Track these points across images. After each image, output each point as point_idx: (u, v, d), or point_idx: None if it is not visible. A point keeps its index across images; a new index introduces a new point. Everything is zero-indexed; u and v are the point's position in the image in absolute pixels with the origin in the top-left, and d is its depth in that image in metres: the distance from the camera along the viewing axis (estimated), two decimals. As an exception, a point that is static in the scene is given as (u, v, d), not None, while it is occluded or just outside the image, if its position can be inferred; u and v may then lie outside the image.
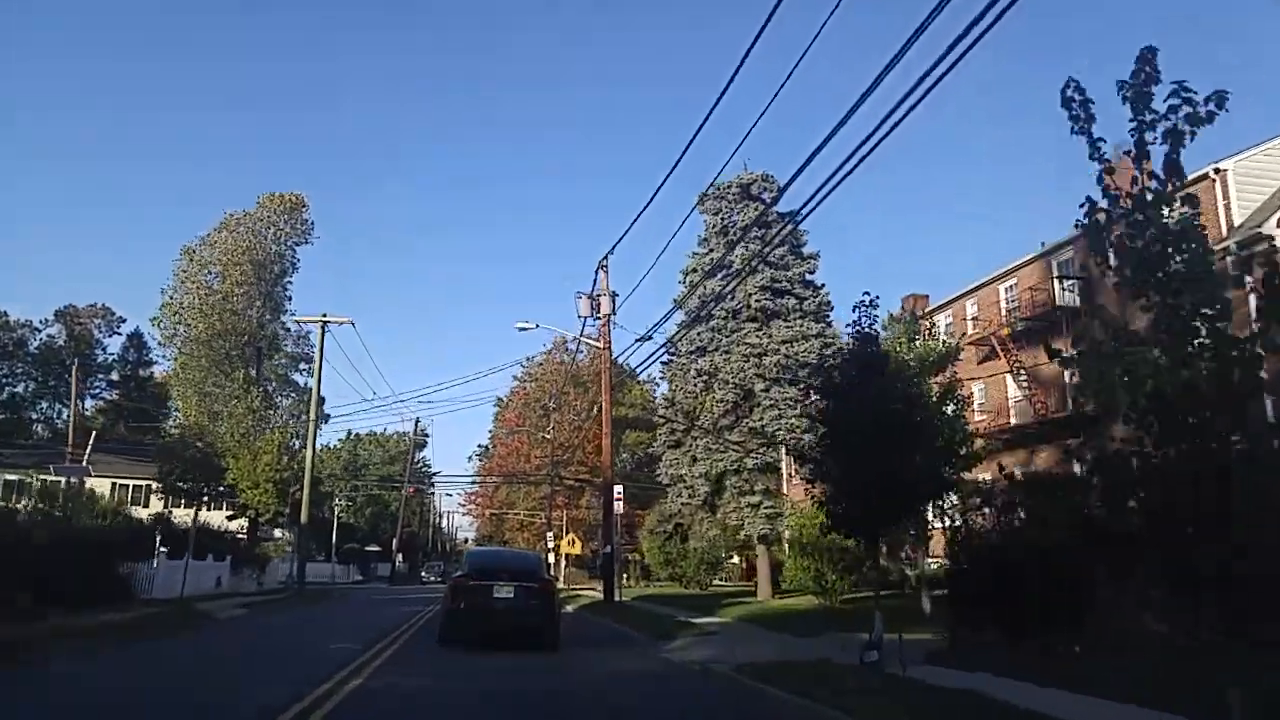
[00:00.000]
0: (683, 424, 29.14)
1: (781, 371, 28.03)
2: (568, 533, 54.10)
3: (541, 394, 74.29)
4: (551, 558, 51.59)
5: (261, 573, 38.51)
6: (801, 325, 28.46)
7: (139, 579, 25.26)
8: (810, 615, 22.49)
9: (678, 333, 27.95)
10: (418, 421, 75.58)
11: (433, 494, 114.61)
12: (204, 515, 44.95)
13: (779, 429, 27.43)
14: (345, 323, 36.81)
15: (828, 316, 29.48)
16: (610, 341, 28.26)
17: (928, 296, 42.02)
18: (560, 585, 28.81)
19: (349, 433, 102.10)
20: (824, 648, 15.03)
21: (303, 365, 69.25)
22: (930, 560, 33.53)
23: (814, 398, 28.91)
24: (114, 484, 57.55)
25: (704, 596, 34.19)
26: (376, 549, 78.72)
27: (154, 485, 46.64)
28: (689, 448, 29.16)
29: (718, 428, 28.36)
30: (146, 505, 54.04)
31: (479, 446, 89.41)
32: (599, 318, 28.28)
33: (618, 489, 26.45)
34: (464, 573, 16.23)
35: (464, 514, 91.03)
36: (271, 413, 42.87)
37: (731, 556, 42.18)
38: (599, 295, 28.12)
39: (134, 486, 58.37)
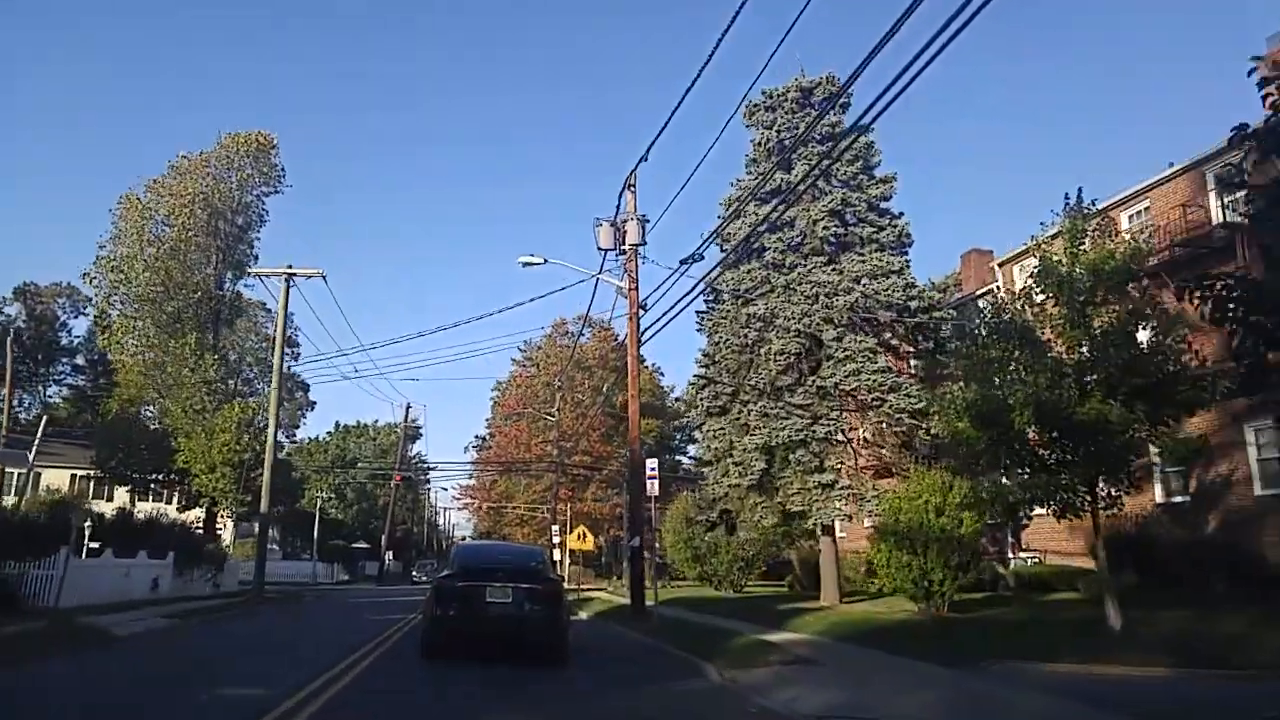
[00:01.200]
0: (729, 384, 23.19)
1: (857, 315, 22.13)
2: (572, 528, 48.23)
3: (544, 376, 68.76)
4: (557, 554, 45.68)
5: (218, 572, 32.56)
6: (879, 259, 22.54)
7: (32, 582, 19.44)
8: (920, 629, 16.62)
9: (717, 269, 22.00)
10: (408, 409, 69.77)
11: (427, 488, 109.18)
12: (154, 506, 39.31)
13: (856, 386, 21.48)
14: (314, 275, 30.76)
15: (907, 250, 23.58)
16: (637, 279, 22.38)
17: (991, 252, 36.35)
18: (567, 586, 22.85)
19: (337, 424, 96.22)
20: (1035, 694, 9.21)
21: (260, 315, 62.84)
22: (1026, 555, 27.79)
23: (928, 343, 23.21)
24: (73, 475, 51.93)
25: (748, 601, 28.30)
26: (364, 546, 72.65)
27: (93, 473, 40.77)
28: (737, 414, 23.23)
29: (775, 388, 22.43)
30: (110, 499, 48.49)
31: (476, 438, 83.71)
32: (623, 251, 22.39)
33: (651, 464, 20.54)
34: (451, 572, 13.07)
35: (460, 508, 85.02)
36: (232, 384, 36.89)
37: (784, 552, 36.33)
38: (624, 221, 22.22)
39: (97, 479, 52.76)
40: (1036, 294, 14.93)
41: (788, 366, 22.26)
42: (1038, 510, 25.11)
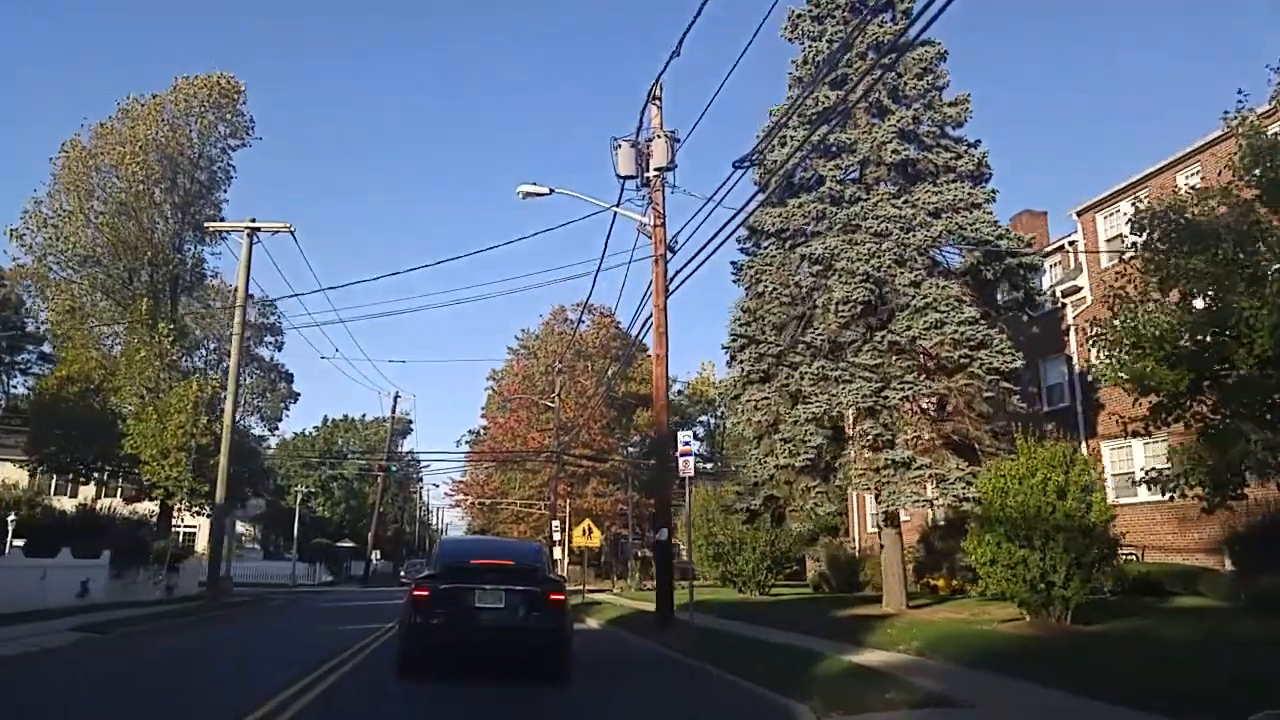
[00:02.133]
0: (776, 343, 19.05)
1: (939, 254, 18.07)
2: (570, 525, 44.05)
3: (541, 365, 64.94)
4: (557, 553, 41.52)
5: (170, 574, 28.32)
6: (958, 190, 18.43)
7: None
8: (1059, 647, 12.41)
9: (760, 201, 17.87)
10: (396, 398, 65.57)
11: (419, 485, 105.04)
12: (110, 502, 35.10)
13: (939, 341, 17.33)
14: (281, 230, 26.55)
15: (986, 181, 19.44)
16: (664, 212, 18.22)
17: (1045, 214, 32.62)
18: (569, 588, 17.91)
19: (324, 419, 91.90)
20: None
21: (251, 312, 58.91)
22: (1122, 551, 23.70)
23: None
24: (34, 470, 47.75)
25: (786, 607, 24.17)
26: (350, 545, 68.34)
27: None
28: (785, 379, 19.07)
29: (836, 346, 18.31)
30: (75, 495, 44.32)
31: (469, 432, 79.48)
32: (646, 181, 18.24)
33: (684, 437, 16.37)
34: (432, 572, 10.96)
35: (452, 505, 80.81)
36: (193, 362, 32.62)
37: (799, 550, 32.30)
38: (649, 140, 18.06)
39: (60, 473, 48.43)
40: (1241, 186, 10.86)
41: (852, 318, 18.11)
42: (1144, 496, 21.28)
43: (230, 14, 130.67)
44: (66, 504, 37.66)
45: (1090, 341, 13.44)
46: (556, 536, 41.82)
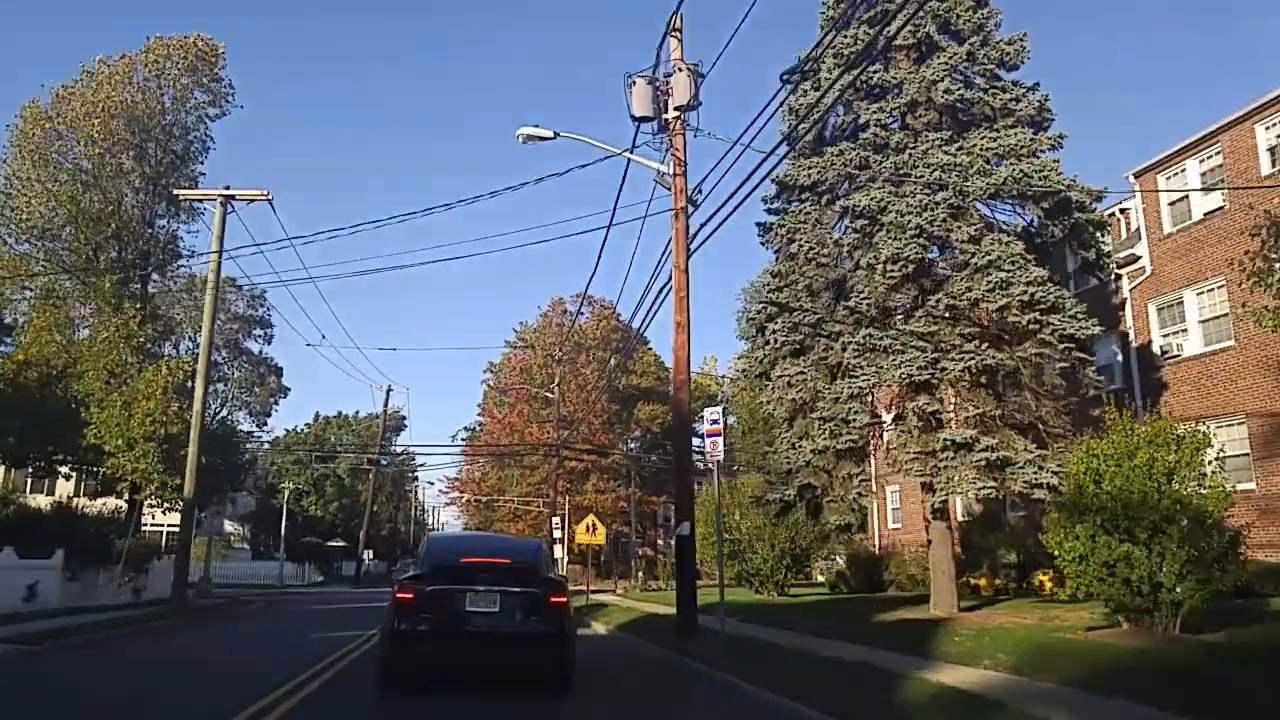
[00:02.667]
0: (812, 310, 16.72)
1: (1003, 207, 15.79)
2: (570, 522, 41.68)
3: (539, 358, 62.82)
4: (558, 551, 39.18)
5: (138, 575, 25.93)
6: (1019, 135, 16.10)
7: None
8: (1190, 665, 10.07)
9: (787, 149, 15.53)
10: (389, 391, 63.17)
11: (414, 483, 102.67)
12: (86, 501, 32.69)
13: (1005, 305, 14.98)
14: (257, 198, 24.19)
15: (1047, 128, 17.10)
16: (685, 159, 15.89)
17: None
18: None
19: (316, 415, 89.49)
20: None
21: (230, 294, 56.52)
22: None
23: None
24: (7, 467, 45.28)
25: (814, 609, 21.87)
26: (342, 544, 65.89)
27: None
28: (824, 351, 16.73)
29: (884, 312, 15.98)
30: (52, 493, 41.90)
31: (465, 429, 77.18)
32: (666, 120, 15.91)
33: (713, 414, 14.01)
34: (418, 571, 9.67)
35: (447, 503, 78.51)
36: (166, 343, 30.19)
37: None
38: (668, 75, 15.74)
39: (37, 470, 46.01)
40: None
41: (903, 280, 15.76)
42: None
43: None
44: (42, 501, 35.33)
45: (1250, 278, 11.14)
46: (557, 534, 39.46)
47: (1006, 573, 23.46)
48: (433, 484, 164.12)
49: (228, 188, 24.59)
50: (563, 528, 40.45)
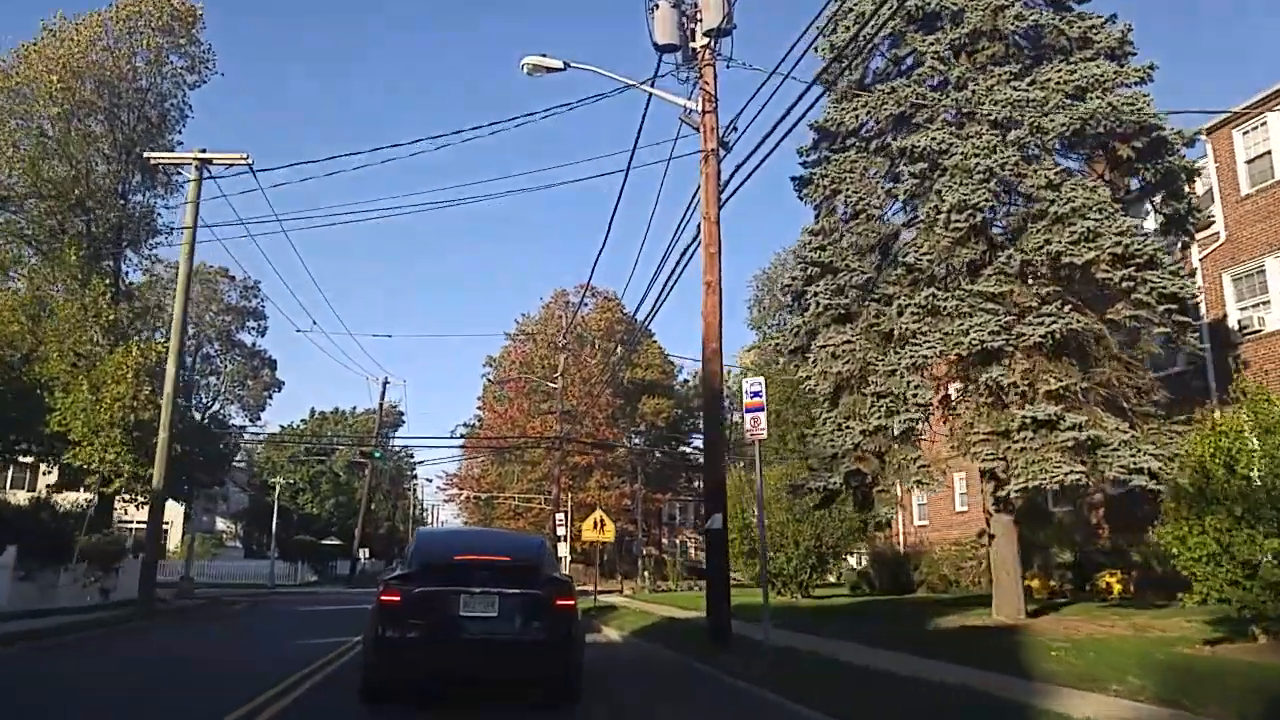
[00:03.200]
0: (860, 270, 14.56)
1: (1085, 147, 13.63)
2: (573, 520, 39.50)
3: (540, 350, 60.89)
4: (562, 549, 36.99)
5: (106, 574, 23.76)
6: (1100, 68, 13.92)
7: None
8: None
9: (836, 63, 13.34)
10: (386, 383, 61.08)
11: (413, 479, 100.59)
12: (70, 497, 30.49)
13: (1093, 259, 12.78)
14: (236, 162, 22.02)
15: (1126, 62, 14.91)
16: (716, 94, 13.72)
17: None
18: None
19: (312, 411, 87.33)
20: None
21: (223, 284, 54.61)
22: None
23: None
24: (-13, 460, 43.06)
25: (849, 612, 19.77)
26: (336, 543, 63.73)
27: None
28: (875, 318, 14.55)
29: (950, 270, 13.81)
30: (32, 489, 39.71)
31: (464, 425, 75.05)
32: (694, 50, 13.77)
33: (753, 385, 11.84)
34: (406, 571, 8.67)
35: (446, 500, 76.45)
36: (138, 324, 28.00)
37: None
38: (697, -4, 13.59)
39: (18, 464, 43.81)
40: None
41: (970, 232, 13.59)
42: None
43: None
44: (21, 497, 33.20)
45: None
46: (561, 531, 37.28)
47: (1060, 573, 21.30)
48: (431, 481, 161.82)
49: (203, 150, 22.47)
50: (566, 524, 38.34)
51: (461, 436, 71.39)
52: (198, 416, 61.78)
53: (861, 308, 14.68)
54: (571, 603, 8.56)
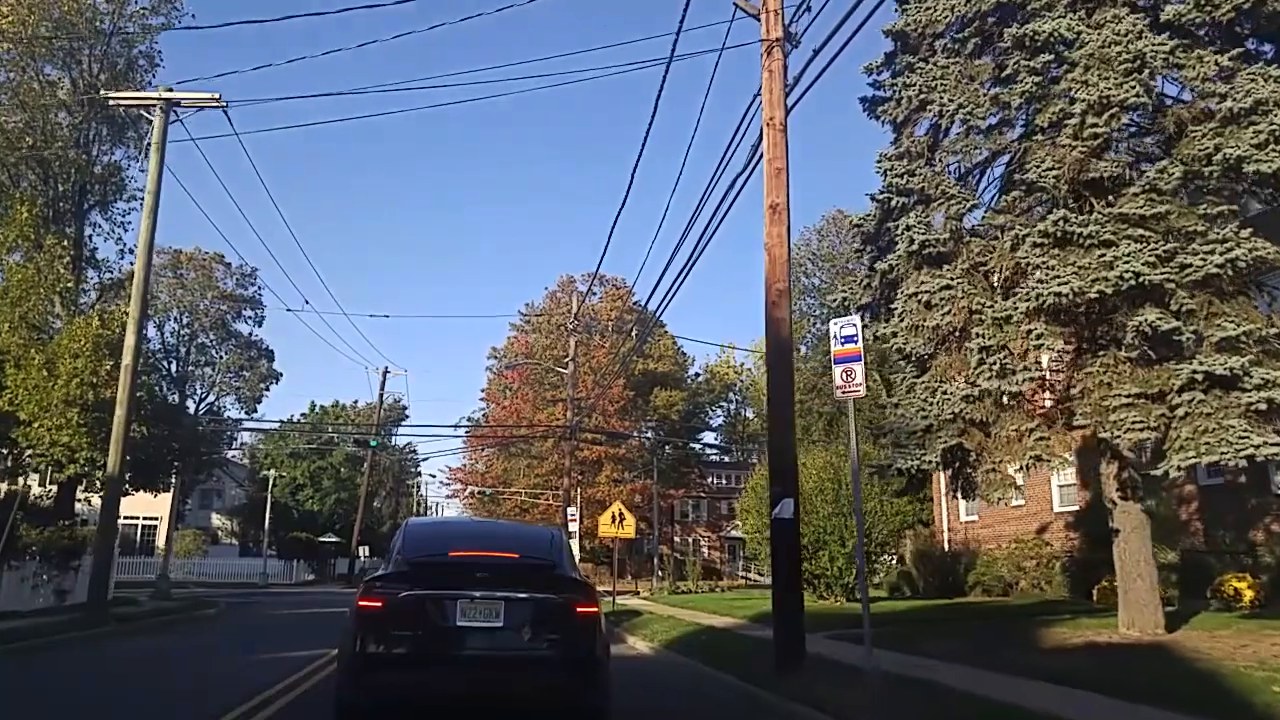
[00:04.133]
0: (961, 198, 11.61)
1: (1255, 31, 10.71)
2: (581, 518, 36.74)
3: (545, 340, 58.40)
4: (573, 546, 34.10)
5: (63, 573, 20.95)
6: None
7: None
8: None
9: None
10: (386, 373, 58.27)
11: (417, 476, 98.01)
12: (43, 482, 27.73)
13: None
14: (208, 104, 19.22)
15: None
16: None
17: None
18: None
19: (312, 405, 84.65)
20: None
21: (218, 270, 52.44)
22: None
23: None
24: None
25: (924, 620, 16.86)
26: (335, 540, 60.94)
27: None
28: (983, 255, 11.59)
29: (1086, 185, 10.83)
30: (13, 480, 37.05)
31: (468, 420, 72.24)
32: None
33: (847, 326, 8.96)
34: (390, 570, 7.27)
35: (449, 495, 73.80)
36: (107, 297, 25.20)
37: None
38: None
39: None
40: None
41: (1108, 140, 10.65)
42: None
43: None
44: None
45: None
46: (573, 526, 34.43)
47: (1165, 576, 18.29)
48: (434, 477, 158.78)
49: (170, 89, 19.64)
50: (579, 520, 35.55)
51: (466, 431, 68.69)
52: (191, 407, 59.11)
53: (961, 245, 11.73)
54: (595, 610, 7.10)
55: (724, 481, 78.22)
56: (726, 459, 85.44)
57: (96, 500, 39.13)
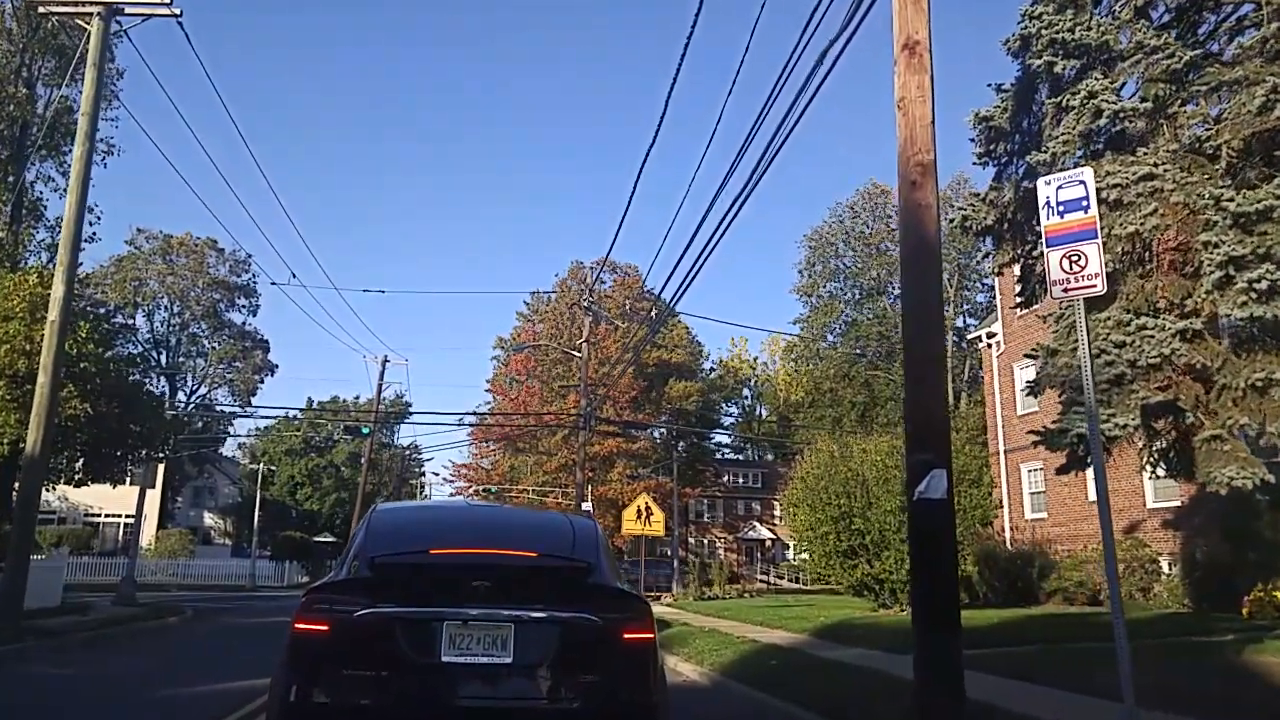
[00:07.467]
0: (1161, 50, 8.12)
1: None
2: (595, 513, 33.49)
3: (550, 330, 55.53)
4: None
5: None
6: None
7: None
8: None
9: None
10: (385, 361, 54.84)
11: (421, 475, 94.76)
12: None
13: None
14: (160, 14, 15.95)
15: None
16: None
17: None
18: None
19: (309, 401, 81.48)
20: None
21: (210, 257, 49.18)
22: None
23: None
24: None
25: (1034, 641, 13.41)
26: (330, 539, 57.80)
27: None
28: (1214, 129, 8.12)
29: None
30: None
31: (473, 414, 69.01)
32: None
33: (1070, 187, 5.56)
34: (344, 576, 4.81)
35: (453, 493, 70.50)
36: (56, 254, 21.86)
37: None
38: None
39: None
40: None
41: None
42: None
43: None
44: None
45: None
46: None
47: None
48: (438, 474, 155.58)
49: (113, -7, 16.28)
50: (594, 515, 32.36)
51: (471, 426, 65.47)
52: (182, 399, 55.77)
53: (1159, 124, 8.29)
54: (650, 637, 4.55)
55: (740, 480, 74.79)
56: (739, 458, 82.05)
57: (75, 494, 35.83)
